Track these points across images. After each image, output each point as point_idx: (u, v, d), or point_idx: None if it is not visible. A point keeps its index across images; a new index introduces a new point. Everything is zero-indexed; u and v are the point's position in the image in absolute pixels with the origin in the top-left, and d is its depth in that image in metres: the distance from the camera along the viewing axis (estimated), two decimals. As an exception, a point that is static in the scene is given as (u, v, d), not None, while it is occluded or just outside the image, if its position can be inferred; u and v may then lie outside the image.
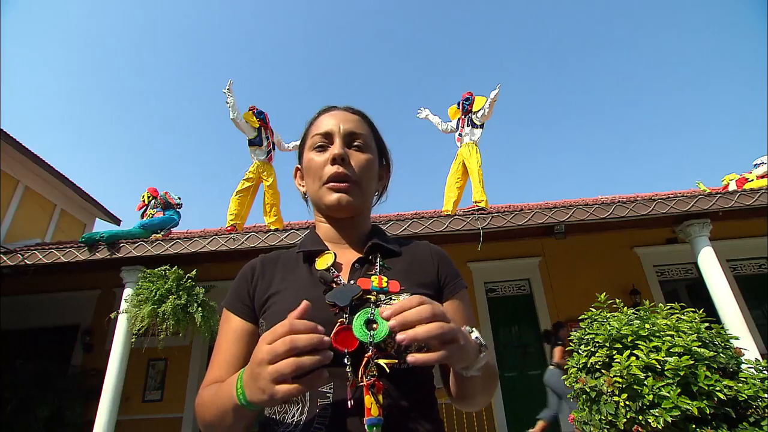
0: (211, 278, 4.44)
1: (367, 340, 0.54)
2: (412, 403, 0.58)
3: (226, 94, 4.63)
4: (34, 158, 5.85)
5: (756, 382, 2.29)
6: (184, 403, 5.21)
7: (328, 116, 0.75)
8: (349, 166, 0.70)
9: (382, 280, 0.63)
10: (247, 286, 0.70)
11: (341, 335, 0.55)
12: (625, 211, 3.91)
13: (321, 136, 0.72)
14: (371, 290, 0.61)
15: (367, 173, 0.73)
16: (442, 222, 4.04)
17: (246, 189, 4.69)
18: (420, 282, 0.67)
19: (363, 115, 0.78)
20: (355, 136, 0.73)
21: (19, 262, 4.06)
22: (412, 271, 0.69)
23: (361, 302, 0.60)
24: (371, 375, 0.53)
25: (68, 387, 4.79)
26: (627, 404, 2.29)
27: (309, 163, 0.73)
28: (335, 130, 0.72)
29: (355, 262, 0.69)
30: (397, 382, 0.57)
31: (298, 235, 3.99)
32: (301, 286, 0.66)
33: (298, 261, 0.71)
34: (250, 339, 0.66)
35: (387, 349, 0.56)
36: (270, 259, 0.74)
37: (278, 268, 0.71)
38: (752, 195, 3.88)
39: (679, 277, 5.58)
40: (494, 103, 4.74)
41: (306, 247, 0.73)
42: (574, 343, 2.92)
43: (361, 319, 0.55)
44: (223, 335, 0.68)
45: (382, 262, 0.69)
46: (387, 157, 0.83)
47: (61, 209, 6.91)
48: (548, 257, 5.58)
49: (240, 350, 0.65)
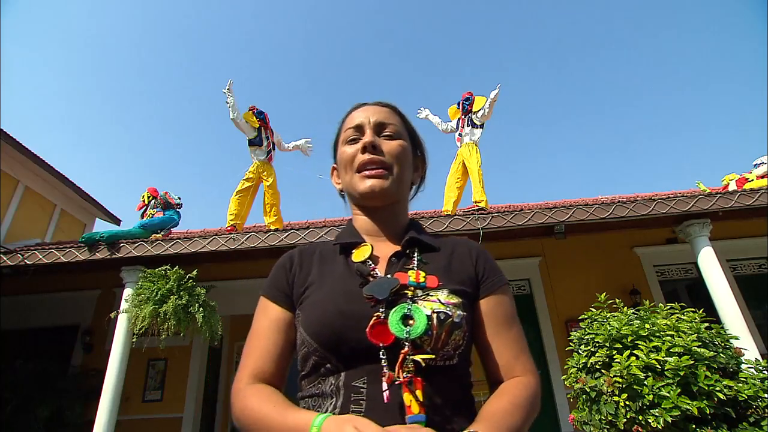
0: (211, 278, 4.44)
1: (404, 336, 0.54)
2: (449, 401, 0.56)
3: (226, 94, 4.63)
4: (34, 158, 5.84)
5: (756, 382, 2.29)
6: (183, 403, 5.20)
7: (359, 111, 0.76)
8: (381, 152, 0.70)
9: (420, 275, 0.62)
10: (286, 275, 0.70)
11: (377, 329, 0.55)
12: (625, 211, 3.91)
13: (353, 130, 0.73)
14: (408, 285, 0.60)
15: (400, 159, 0.72)
16: (442, 222, 4.04)
17: (246, 189, 4.69)
18: (458, 279, 0.66)
19: (394, 107, 0.79)
20: (385, 126, 0.73)
21: (19, 262, 4.06)
22: (450, 266, 0.68)
23: (397, 296, 0.59)
24: (408, 371, 0.52)
25: (68, 387, 4.78)
26: (627, 404, 2.29)
27: (342, 155, 0.74)
28: (365, 122, 0.73)
29: (392, 256, 0.68)
30: (433, 380, 0.56)
31: (299, 235, 3.99)
32: (338, 278, 0.66)
33: (335, 253, 0.71)
34: (288, 328, 0.65)
35: (423, 346, 0.56)
36: (308, 250, 0.74)
37: (315, 260, 0.71)
38: (752, 195, 3.88)
39: (679, 277, 5.58)
40: (494, 103, 4.74)
41: (343, 239, 0.72)
42: (574, 343, 2.93)
43: (397, 315, 0.56)
44: (260, 324, 0.67)
45: (419, 256, 0.68)
46: (422, 148, 0.82)
47: (61, 209, 6.90)
48: (548, 257, 5.58)
49: (279, 339, 0.64)
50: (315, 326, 0.60)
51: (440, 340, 0.56)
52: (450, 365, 0.59)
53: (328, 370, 0.59)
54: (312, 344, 0.59)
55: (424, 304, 0.58)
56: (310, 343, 0.60)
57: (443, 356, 0.57)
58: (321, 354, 0.59)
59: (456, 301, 0.61)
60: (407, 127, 0.79)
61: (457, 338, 0.58)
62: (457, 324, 0.58)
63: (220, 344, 6.58)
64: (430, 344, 0.56)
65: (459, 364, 0.60)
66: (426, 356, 0.54)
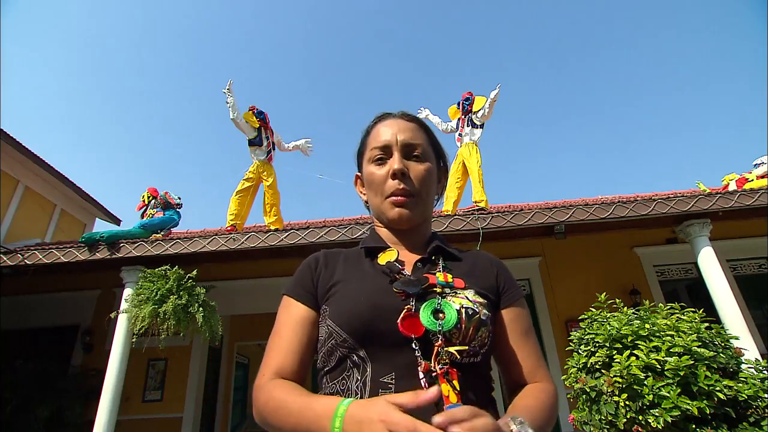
0: (211, 278, 4.43)
1: (437, 328, 0.56)
2: (478, 397, 0.59)
3: (226, 94, 4.63)
4: (34, 158, 5.84)
5: (756, 382, 2.29)
6: (183, 403, 5.20)
7: (385, 126, 0.76)
8: (409, 180, 0.71)
9: (447, 276, 0.65)
10: (311, 274, 0.71)
11: (407, 321, 0.57)
12: (625, 211, 3.90)
13: (379, 150, 0.74)
14: (437, 284, 0.63)
15: (426, 185, 0.74)
16: (442, 222, 4.04)
17: (246, 189, 4.69)
18: (482, 285, 0.68)
19: (419, 121, 0.79)
20: (413, 147, 0.74)
21: (19, 262, 4.06)
22: (473, 274, 0.70)
23: (426, 293, 0.61)
24: (443, 363, 0.54)
25: (68, 387, 4.78)
26: (627, 404, 2.29)
27: (371, 177, 0.75)
28: (393, 142, 0.73)
29: (417, 261, 0.70)
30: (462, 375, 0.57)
31: (299, 235, 3.98)
32: (367, 275, 0.67)
33: (361, 256, 0.73)
34: (311, 326, 0.66)
35: (452, 339, 0.58)
36: (333, 252, 0.76)
37: (341, 261, 0.73)
38: (752, 195, 3.87)
39: (679, 277, 5.57)
40: (494, 103, 4.74)
41: (369, 243, 0.74)
42: (574, 343, 2.93)
43: (429, 308, 0.58)
44: (283, 322, 0.67)
45: (444, 263, 0.70)
46: (445, 159, 0.84)
47: (61, 209, 6.90)
48: (548, 257, 5.57)
49: (302, 337, 0.65)
50: (346, 316, 0.61)
51: (468, 336, 0.59)
52: (475, 362, 0.61)
53: (354, 363, 0.59)
54: (341, 334, 0.60)
55: (454, 300, 0.60)
56: (339, 333, 0.60)
57: (469, 353, 0.59)
58: (350, 344, 0.59)
59: (482, 301, 0.64)
60: (432, 141, 0.80)
61: (483, 335, 0.61)
62: (483, 321, 0.61)
63: (220, 344, 6.58)
64: (458, 338, 0.58)
65: (482, 362, 0.63)
66: (460, 347, 0.56)
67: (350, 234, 3.95)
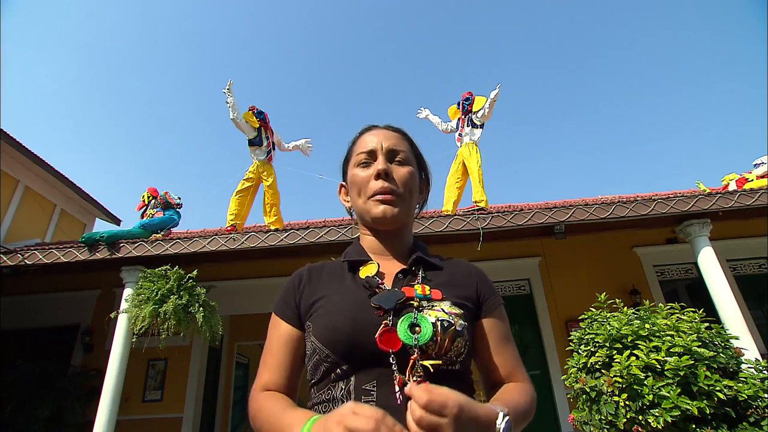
0: (211, 278, 4.44)
1: (413, 342, 0.58)
2: None
3: (226, 94, 4.63)
4: (34, 158, 5.85)
5: (756, 382, 2.29)
6: (183, 403, 5.20)
7: (371, 135, 0.79)
8: (393, 180, 0.74)
9: (425, 288, 0.67)
10: (294, 293, 0.73)
11: (385, 336, 0.59)
12: (625, 211, 3.91)
13: (365, 154, 0.77)
14: (415, 297, 0.65)
15: (409, 186, 0.76)
16: (442, 222, 4.04)
17: (246, 189, 4.69)
18: (460, 295, 0.70)
19: (403, 132, 0.83)
20: (397, 152, 0.77)
21: (19, 262, 4.06)
22: (452, 284, 0.72)
23: (404, 307, 0.63)
24: (418, 375, 0.56)
25: (68, 387, 4.78)
26: (627, 404, 2.30)
27: (354, 178, 0.77)
28: (378, 147, 0.76)
29: (398, 273, 0.72)
30: (439, 383, 0.58)
31: (299, 235, 3.99)
32: (347, 290, 0.69)
33: (343, 269, 0.75)
34: (297, 343, 0.70)
35: (428, 351, 0.59)
36: (316, 267, 0.78)
37: (324, 276, 0.75)
38: (752, 195, 3.88)
39: (679, 277, 5.57)
40: (494, 103, 4.74)
41: (351, 256, 0.76)
42: (574, 343, 2.93)
43: (405, 323, 0.60)
44: (272, 340, 0.71)
45: (424, 274, 0.72)
46: (426, 171, 0.87)
47: (61, 209, 6.91)
48: (548, 257, 5.57)
49: (288, 355, 0.69)
50: (327, 332, 0.63)
51: (444, 347, 0.60)
52: (454, 370, 0.62)
53: (338, 375, 0.62)
54: (324, 350, 0.62)
55: (429, 313, 0.62)
56: (322, 350, 0.63)
57: (446, 362, 0.61)
58: (332, 360, 0.62)
59: (458, 312, 0.65)
60: (415, 152, 0.83)
61: (459, 345, 0.62)
62: (459, 332, 0.62)
63: (220, 344, 6.58)
64: (434, 350, 0.60)
65: (462, 369, 0.64)
66: (434, 362, 0.58)
67: (350, 234, 3.96)
